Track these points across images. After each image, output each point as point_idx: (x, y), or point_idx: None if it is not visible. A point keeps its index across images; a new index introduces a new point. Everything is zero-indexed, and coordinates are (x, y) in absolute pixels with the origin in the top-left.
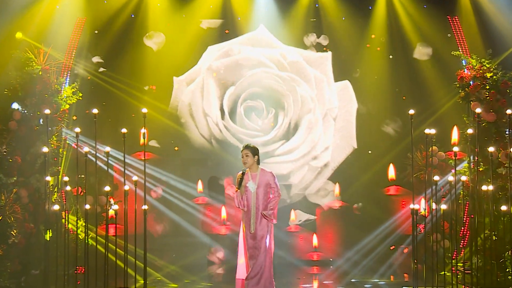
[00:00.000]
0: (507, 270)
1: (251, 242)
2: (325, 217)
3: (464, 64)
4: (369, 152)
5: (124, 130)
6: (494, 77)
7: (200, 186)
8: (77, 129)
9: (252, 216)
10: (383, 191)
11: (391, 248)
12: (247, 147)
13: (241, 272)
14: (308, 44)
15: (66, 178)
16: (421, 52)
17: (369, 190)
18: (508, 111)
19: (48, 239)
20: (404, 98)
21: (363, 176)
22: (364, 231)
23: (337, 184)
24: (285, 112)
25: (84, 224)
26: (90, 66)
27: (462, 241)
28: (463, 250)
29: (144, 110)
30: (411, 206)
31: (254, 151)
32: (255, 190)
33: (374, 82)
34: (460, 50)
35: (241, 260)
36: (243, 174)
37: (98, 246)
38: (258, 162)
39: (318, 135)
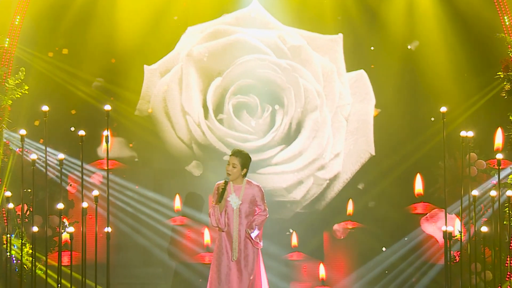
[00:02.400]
0: None
1: (227, 280)
2: (335, 242)
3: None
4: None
5: (81, 133)
6: None
7: (177, 202)
8: (22, 131)
9: (234, 240)
10: (408, 209)
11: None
12: (238, 154)
13: None
14: None
15: (8, 193)
16: None
17: (391, 207)
18: None
19: None
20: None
21: (382, 190)
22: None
23: (350, 200)
24: (285, 110)
25: (31, 251)
26: (39, 55)
27: (508, 273)
28: (509, 284)
29: (107, 107)
30: (444, 228)
31: (245, 162)
32: (238, 206)
33: (395, 71)
34: (505, 31)
35: None
36: (226, 183)
37: (49, 279)
38: (244, 175)
39: (326, 138)
